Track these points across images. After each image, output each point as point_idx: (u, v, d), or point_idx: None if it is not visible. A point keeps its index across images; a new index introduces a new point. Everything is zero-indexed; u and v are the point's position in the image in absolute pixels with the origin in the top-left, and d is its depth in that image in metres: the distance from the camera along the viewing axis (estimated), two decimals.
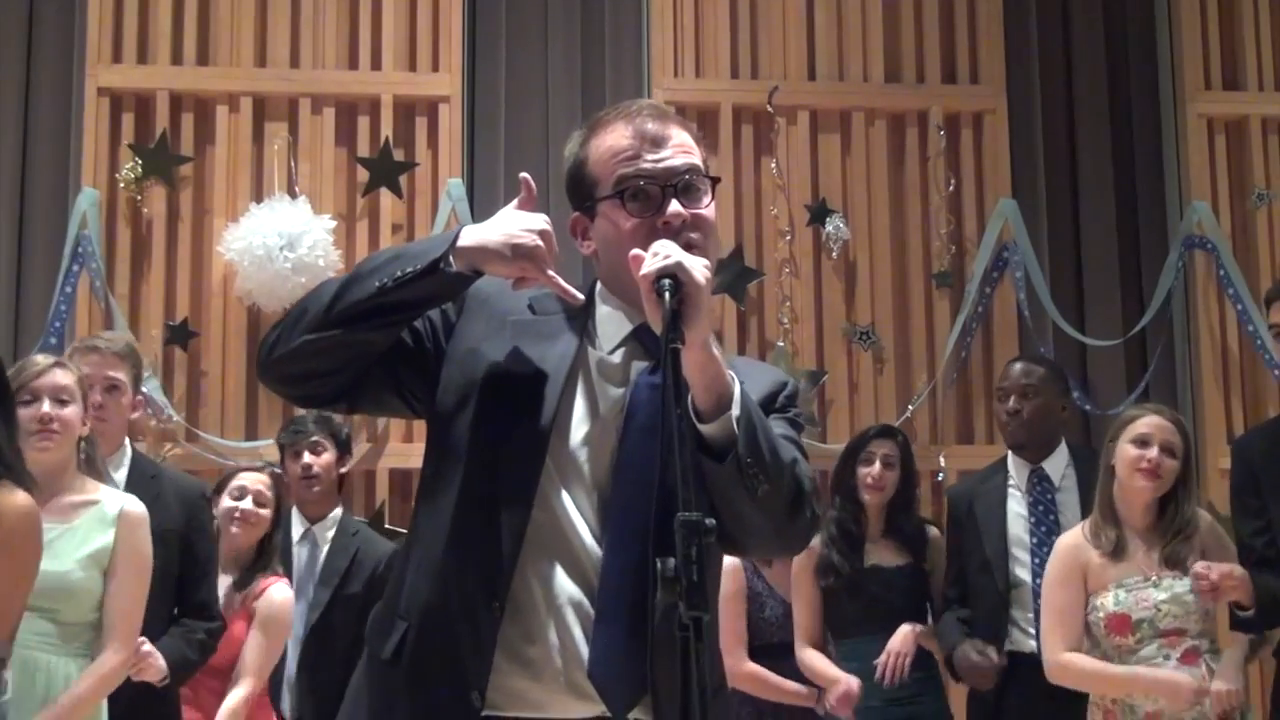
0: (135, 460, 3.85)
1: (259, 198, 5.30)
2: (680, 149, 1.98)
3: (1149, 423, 3.78)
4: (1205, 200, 5.69)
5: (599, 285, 2.06)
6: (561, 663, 1.87)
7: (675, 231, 1.91)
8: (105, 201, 5.25)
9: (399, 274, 1.87)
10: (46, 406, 3.29)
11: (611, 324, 2.01)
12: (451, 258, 1.89)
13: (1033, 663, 4.05)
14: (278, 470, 4.55)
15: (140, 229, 5.30)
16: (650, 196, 1.94)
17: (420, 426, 5.28)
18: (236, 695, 3.90)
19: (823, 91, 5.67)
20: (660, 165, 1.95)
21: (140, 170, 5.24)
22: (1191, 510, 3.78)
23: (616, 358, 1.99)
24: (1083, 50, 5.91)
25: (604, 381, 1.98)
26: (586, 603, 1.88)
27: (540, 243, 1.90)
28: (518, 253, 1.90)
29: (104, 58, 5.32)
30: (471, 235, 1.92)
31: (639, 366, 1.98)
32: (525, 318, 2.02)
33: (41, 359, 3.44)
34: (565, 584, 1.88)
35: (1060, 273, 5.73)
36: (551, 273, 1.92)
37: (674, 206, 1.94)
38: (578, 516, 1.91)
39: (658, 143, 1.97)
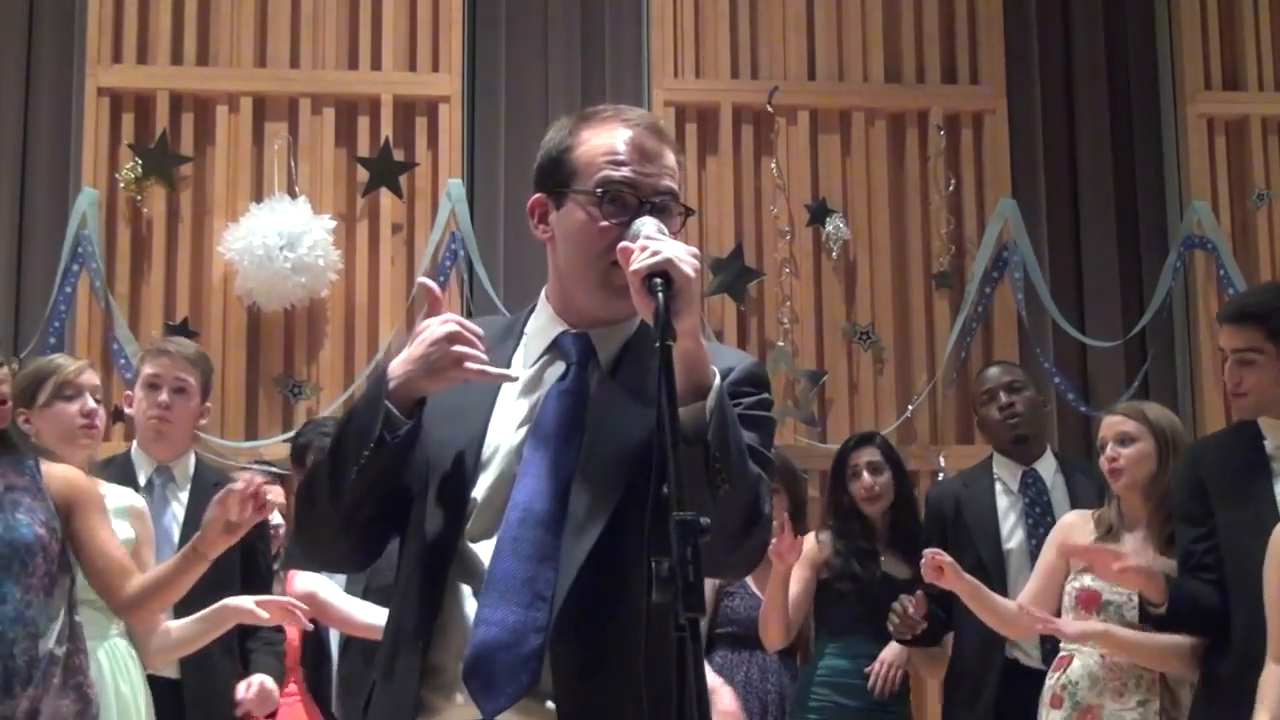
0: (199, 468, 3.84)
1: (259, 198, 5.30)
2: (668, 172, 2.01)
3: (1103, 425, 3.84)
4: (1205, 200, 5.69)
5: (542, 296, 2.07)
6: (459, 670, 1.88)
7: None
8: (105, 201, 5.25)
9: (361, 462, 1.86)
10: (91, 402, 3.31)
11: (537, 340, 2.03)
12: (390, 405, 1.86)
13: (1029, 675, 4.00)
14: (282, 472, 4.55)
15: (140, 229, 5.30)
16: (627, 205, 1.97)
17: None
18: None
19: (823, 91, 5.67)
20: (647, 180, 1.98)
21: (140, 170, 5.24)
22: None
23: (528, 374, 2.00)
24: (1083, 50, 5.91)
25: (522, 399, 1.98)
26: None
27: (449, 349, 1.88)
28: (435, 369, 1.88)
29: (104, 58, 5.32)
30: (396, 373, 1.90)
31: (554, 373, 1.99)
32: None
33: (67, 359, 3.47)
34: (473, 603, 1.90)
35: (1060, 273, 5.73)
36: (475, 366, 1.88)
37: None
38: (484, 545, 1.91)
39: (650, 158, 1.99)
